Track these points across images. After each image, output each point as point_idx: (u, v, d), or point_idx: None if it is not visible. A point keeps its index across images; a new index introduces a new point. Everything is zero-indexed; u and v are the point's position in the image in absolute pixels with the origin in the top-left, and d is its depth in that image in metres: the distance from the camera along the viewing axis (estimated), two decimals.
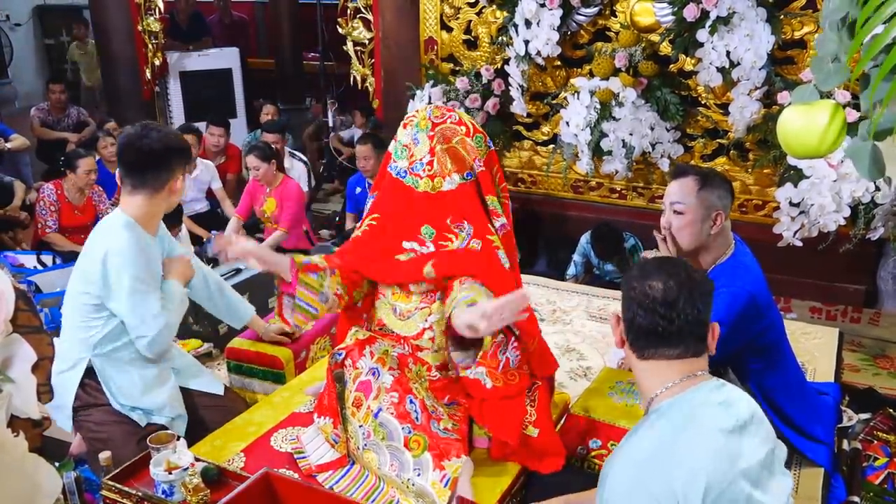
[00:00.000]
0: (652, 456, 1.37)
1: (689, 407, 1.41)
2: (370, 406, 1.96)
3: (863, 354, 3.56)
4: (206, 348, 3.36)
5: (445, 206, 2.10)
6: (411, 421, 1.93)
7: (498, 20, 4.35)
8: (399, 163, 2.13)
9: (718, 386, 1.47)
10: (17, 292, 1.22)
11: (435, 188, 2.10)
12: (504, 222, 2.19)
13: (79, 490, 2.01)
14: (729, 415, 1.40)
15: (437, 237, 2.11)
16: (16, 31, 8.53)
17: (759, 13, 3.46)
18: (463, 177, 2.11)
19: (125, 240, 2.22)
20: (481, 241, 2.10)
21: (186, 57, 6.67)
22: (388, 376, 1.98)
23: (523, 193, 4.64)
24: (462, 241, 2.10)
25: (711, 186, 2.14)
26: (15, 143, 5.61)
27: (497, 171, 2.22)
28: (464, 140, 2.12)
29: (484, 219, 2.13)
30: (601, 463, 2.17)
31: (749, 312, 2.10)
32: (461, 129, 2.12)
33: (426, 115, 2.13)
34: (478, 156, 2.13)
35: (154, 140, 2.28)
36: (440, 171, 2.09)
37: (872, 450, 2.73)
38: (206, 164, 5.30)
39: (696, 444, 1.35)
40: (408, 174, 2.11)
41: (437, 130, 2.10)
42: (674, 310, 1.43)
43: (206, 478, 1.88)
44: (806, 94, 1.29)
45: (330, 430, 2.03)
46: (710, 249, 2.20)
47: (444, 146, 2.09)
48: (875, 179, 1.27)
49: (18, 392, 1.21)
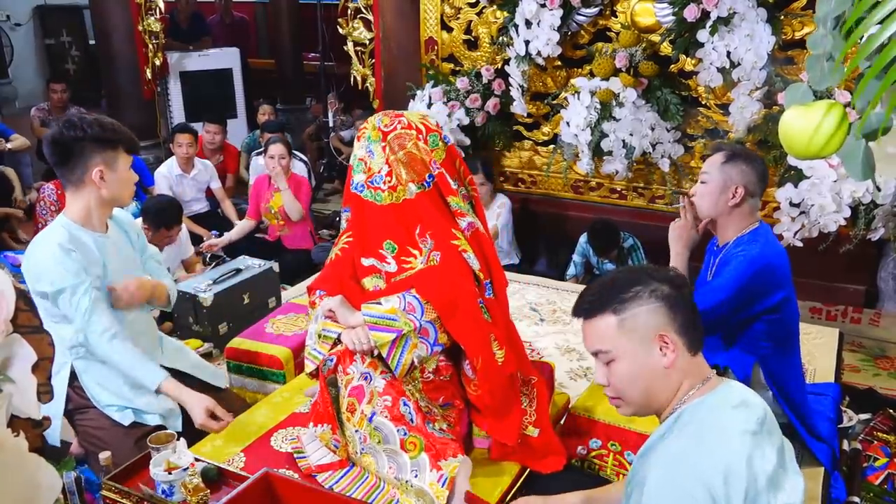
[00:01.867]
0: (687, 462, 1.35)
1: (708, 410, 1.41)
2: (364, 411, 1.94)
3: (863, 355, 3.56)
4: (206, 348, 3.36)
5: (411, 217, 2.06)
6: (406, 423, 1.92)
7: (498, 20, 4.35)
8: (356, 177, 2.09)
9: (729, 386, 1.47)
10: (17, 292, 1.22)
11: (399, 198, 2.05)
12: (471, 220, 2.12)
13: (79, 490, 2.01)
14: (749, 415, 1.40)
15: (399, 252, 2.08)
16: (16, 31, 8.52)
17: (760, 13, 3.46)
18: (420, 185, 2.05)
19: (41, 246, 2.18)
20: (441, 251, 2.05)
21: (187, 57, 6.67)
22: (380, 380, 1.96)
23: (523, 193, 4.64)
24: (424, 256, 2.06)
25: (735, 162, 2.25)
26: (15, 143, 5.62)
27: (460, 164, 2.16)
28: (416, 144, 2.05)
29: (446, 224, 2.08)
30: (601, 463, 2.18)
31: (765, 279, 2.18)
32: (412, 132, 2.06)
33: (375, 124, 2.07)
34: (434, 158, 2.07)
35: (64, 132, 2.17)
36: (398, 181, 2.04)
37: (872, 450, 2.73)
38: (205, 163, 5.30)
39: (727, 447, 1.35)
40: (365, 188, 2.07)
41: (388, 140, 2.04)
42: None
43: (205, 478, 1.89)
44: (799, 94, 1.28)
45: (329, 436, 2.02)
46: (730, 222, 2.29)
47: (398, 154, 2.04)
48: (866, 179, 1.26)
49: (18, 392, 1.21)
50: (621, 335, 1.45)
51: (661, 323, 1.43)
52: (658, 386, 1.45)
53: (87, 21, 8.20)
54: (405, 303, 1.96)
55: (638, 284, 1.46)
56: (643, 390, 1.46)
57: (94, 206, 2.24)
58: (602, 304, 1.47)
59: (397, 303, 1.96)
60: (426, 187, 2.06)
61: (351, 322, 1.99)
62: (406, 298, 1.97)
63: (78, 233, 2.22)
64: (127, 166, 2.26)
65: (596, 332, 1.48)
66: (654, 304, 1.44)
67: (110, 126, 2.23)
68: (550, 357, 2.83)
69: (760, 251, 2.19)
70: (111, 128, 2.23)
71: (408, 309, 1.95)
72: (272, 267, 3.74)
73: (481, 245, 2.12)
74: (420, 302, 1.97)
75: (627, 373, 1.46)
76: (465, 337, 2.00)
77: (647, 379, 1.45)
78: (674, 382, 1.45)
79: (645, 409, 1.50)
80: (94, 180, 2.19)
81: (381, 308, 1.96)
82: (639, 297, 1.44)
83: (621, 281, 1.49)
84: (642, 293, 1.45)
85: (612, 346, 1.46)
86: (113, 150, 2.21)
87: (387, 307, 1.96)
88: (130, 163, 2.29)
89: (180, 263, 4.27)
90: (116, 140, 2.22)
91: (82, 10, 8.29)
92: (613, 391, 1.50)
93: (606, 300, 1.47)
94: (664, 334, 1.43)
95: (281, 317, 3.04)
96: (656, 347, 1.43)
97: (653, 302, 1.44)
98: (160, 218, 3.81)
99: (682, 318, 1.44)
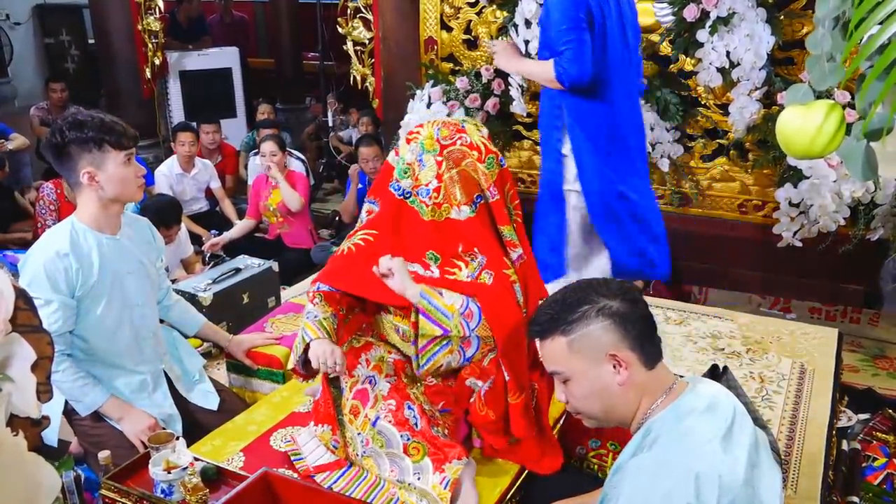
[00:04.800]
0: (658, 475, 1.33)
1: (675, 420, 1.39)
2: (367, 415, 1.93)
3: (862, 355, 3.56)
4: (206, 348, 3.35)
5: (453, 235, 1.96)
6: (410, 428, 1.90)
7: (498, 20, 4.35)
8: (402, 182, 1.96)
9: (695, 391, 1.44)
10: (16, 292, 1.22)
11: (441, 216, 1.94)
12: (521, 253, 2.02)
13: (78, 489, 2.01)
14: (717, 419, 1.38)
15: (443, 263, 1.98)
16: (16, 30, 8.51)
17: (760, 13, 3.46)
18: (472, 209, 1.94)
19: (39, 250, 2.16)
20: (494, 273, 1.94)
21: (186, 56, 6.67)
22: (384, 384, 1.95)
23: (523, 193, 4.58)
24: (473, 270, 1.95)
25: None
26: (15, 142, 5.62)
27: (510, 188, 2.05)
28: (475, 164, 1.93)
29: (499, 251, 1.96)
30: (600, 463, 2.18)
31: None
32: (473, 153, 1.94)
33: (433, 133, 1.95)
34: (491, 182, 1.94)
35: (50, 138, 2.14)
36: (446, 200, 1.93)
37: (871, 450, 2.73)
38: (205, 163, 5.31)
39: (697, 457, 1.33)
40: (412, 196, 1.96)
41: (445, 154, 1.93)
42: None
43: (205, 477, 1.89)
44: (800, 94, 1.28)
45: (329, 437, 2.00)
46: None
47: (453, 171, 1.92)
48: (867, 180, 1.26)
49: (18, 391, 1.21)
50: (572, 356, 1.43)
51: (612, 341, 1.40)
52: (616, 402, 1.44)
53: (87, 20, 8.18)
54: (466, 307, 1.87)
55: (585, 304, 1.43)
56: (601, 408, 1.46)
57: (99, 207, 2.21)
58: (552, 326, 1.45)
59: (459, 303, 1.87)
60: (474, 209, 1.96)
61: (407, 294, 1.85)
62: (469, 304, 1.88)
63: (83, 235, 2.20)
64: (119, 163, 2.16)
65: (549, 353, 1.47)
66: (603, 323, 1.41)
67: (93, 124, 2.13)
68: None
69: None
70: (94, 126, 2.13)
71: (466, 314, 1.86)
72: (272, 266, 3.74)
73: (527, 278, 2.04)
74: (480, 314, 1.88)
75: (582, 392, 1.45)
76: (516, 370, 1.95)
77: (602, 397, 1.44)
78: (632, 398, 1.44)
79: (607, 422, 1.50)
80: (89, 178, 2.15)
81: (441, 300, 1.86)
82: (586, 316, 1.42)
83: (570, 300, 1.46)
84: (589, 312, 1.42)
85: (564, 368, 1.45)
86: (99, 150, 2.13)
87: (447, 302, 1.86)
88: (126, 158, 2.19)
89: (179, 263, 4.27)
90: (100, 139, 2.13)
91: (82, 9, 8.28)
92: (572, 409, 1.50)
93: (556, 321, 1.45)
94: (615, 353, 1.40)
95: (280, 316, 3.04)
96: (609, 366, 1.41)
97: (601, 320, 1.41)
98: (159, 217, 3.80)
99: (635, 332, 1.41)
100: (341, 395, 2.02)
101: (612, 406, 1.45)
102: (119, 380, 2.31)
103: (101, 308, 2.22)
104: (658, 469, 1.34)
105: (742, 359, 2.82)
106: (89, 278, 2.18)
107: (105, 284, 2.22)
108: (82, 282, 2.17)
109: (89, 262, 2.19)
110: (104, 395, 2.25)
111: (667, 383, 1.46)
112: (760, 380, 2.66)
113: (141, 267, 2.35)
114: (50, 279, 2.11)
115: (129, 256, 2.30)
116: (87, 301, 2.20)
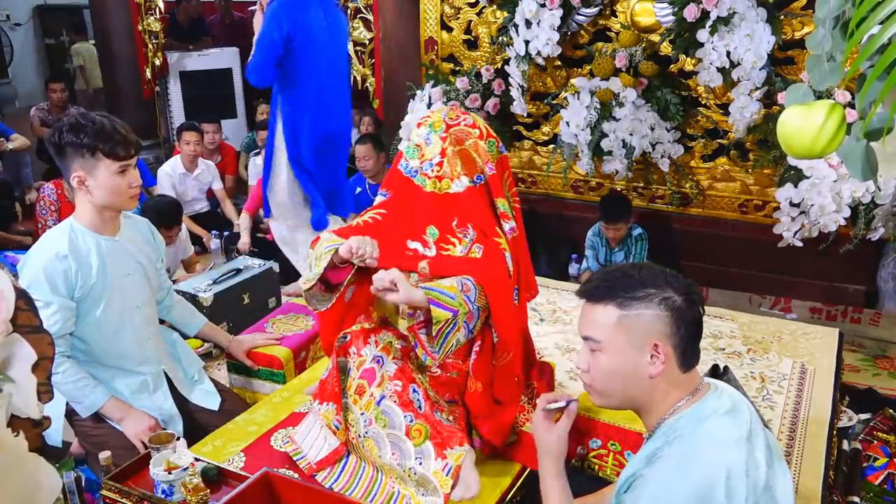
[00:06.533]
0: (684, 474, 1.31)
1: (698, 420, 1.38)
2: (373, 393, 1.96)
3: (863, 355, 3.57)
4: (206, 348, 3.36)
5: (451, 207, 2.08)
6: (414, 410, 1.93)
7: (498, 20, 4.35)
8: (411, 162, 2.12)
9: (718, 393, 1.44)
10: (17, 292, 1.22)
11: (441, 189, 2.08)
12: (513, 226, 2.15)
13: (79, 490, 2.01)
14: (740, 421, 1.38)
15: (439, 239, 2.09)
16: (16, 30, 8.54)
17: (760, 13, 3.46)
18: (472, 180, 2.08)
19: (39, 251, 2.16)
20: (484, 245, 2.06)
21: (186, 57, 6.67)
22: (391, 365, 1.98)
23: (523, 193, 4.62)
24: (464, 246, 2.07)
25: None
26: (16, 142, 5.62)
27: (508, 176, 2.20)
28: (476, 143, 2.09)
29: (492, 221, 2.10)
30: (601, 463, 2.18)
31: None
32: (474, 131, 2.10)
33: (441, 116, 2.12)
34: (489, 160, 2.11)
35: (55, 131, 2.14)
36: (449, 173, 2.07)
37: (872, 450, 2.73)
38: (208, 163, 5.31)
39: (726, 455, 1.32)
40: (417, 173, 2.10)
41: (450, 132, 2.08)
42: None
43: (205, 478, 1.89)
44: (800, 94, 1.28)
45: (332, 415, 2.03)
46: None
47: (456, 148, 2.08)
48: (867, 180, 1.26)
49: (18, 392, 1.21)
50: (617, 330, 1.41)
51: (662, 332, 1.39)
52: (639, 391, 1.42)
53: (87, 20, 8.20)
54: (462, 283, 1.94)
55: (652, 287, 1.40)
56: (620, 389, 1.43)
57: (94, 210, 2.21)
58: (609, 293, 1.42)
59: (456, 282, 1.94)
60: (478, 182, 2.09)
61: (414, 300, 1.89)
62: (463, 280, 1.96)
63: (82, 236, 2.20)
64: (111, 172, 2.13)
65: (593, 317, 1.44)
66: (662, 312, 1.38)
67: (91, 130, 2.10)
68: (550, 357, 2.82)
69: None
70: (92, 132, 2.10)
71: (464, 289, 1.93)
72: (272, 267, 3.75)
73: (518, 251, 2.13)
74: (474, 286, 1.95)
75: (610, 368, 1.42)
76: (506, 331, 2.00)
77: (627, 380, 1.42)
78: (655, 392, 1.42)
79: (616, 406, 1.47)
80: (78, 182, 2.14)
81: (441, 285, 1.92)
82: (648, 299, 1.39)
83: (637, 277, 1.42)
84: (654, 297, 1.39)
85: (603, 337, 1.42)
86: (92, 157, 2.11)
87: (446, 285, 1.93)
88: (120, 168, 2.15)
89: (180, 263, 4.27)
90: (94, 146, 2.10)
91: (82, 9, 8.30)
92: (590, 378, 1.47)
93: (615, 290, 1.42)
94: (659, 343, 1.39)
95: (281, 317, 3.04)
96: (647, 354, 1.39)
97: (661, 309, 1.39)
98: (160, 218, 3.80)
99: (684, 332, 1.40)
100: (348, 378, 2.04)
101: (634, 393, 1.43)
102: (119, 380, 2.31)
103: (101, 309, 2.22)
104: (686, 461, 1.32)
105: (743, 359, 2.82)
106: (88, 280, 2.19)
107: (104, 286, 2.22)
108: (81, 283, 2.17)
109: (88, 264, 2.19)
110: (105, 395, 2.26)
111: (694, 386, 1.45)
112: (761, 380, 2.66)
113: (140, 268, 2.34)
114: (49, 281, 2.12)
115: (129, 257, 2.31)
116: (86, 302, 2.20)
